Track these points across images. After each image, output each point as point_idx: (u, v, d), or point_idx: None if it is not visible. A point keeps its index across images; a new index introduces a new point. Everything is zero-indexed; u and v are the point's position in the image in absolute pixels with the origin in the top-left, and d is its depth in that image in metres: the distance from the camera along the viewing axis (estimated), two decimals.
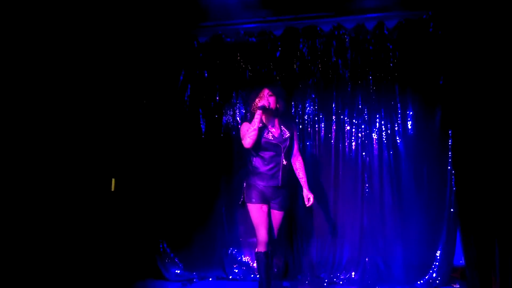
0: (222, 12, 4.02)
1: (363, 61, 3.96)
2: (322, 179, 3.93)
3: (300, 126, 4.02)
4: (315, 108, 4.03)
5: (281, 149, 3.23)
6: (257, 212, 3.16)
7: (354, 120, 3.95)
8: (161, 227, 4.09)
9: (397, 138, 3.85)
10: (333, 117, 3.98)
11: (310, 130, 4.03)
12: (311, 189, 3.31)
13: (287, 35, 4.11)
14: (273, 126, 3.29)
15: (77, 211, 3.54)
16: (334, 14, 4.01)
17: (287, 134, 3.29)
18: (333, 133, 3.97)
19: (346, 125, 3.96)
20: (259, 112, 3.18)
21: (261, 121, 3.20)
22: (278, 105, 3.27)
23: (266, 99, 3.22)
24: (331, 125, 3.98)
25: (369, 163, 3.86)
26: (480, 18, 3.34)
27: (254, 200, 3.18)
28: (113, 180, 3.86)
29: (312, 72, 4.06)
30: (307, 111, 4.06)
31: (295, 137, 3.36)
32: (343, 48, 4.01)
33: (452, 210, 3.60)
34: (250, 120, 3.24)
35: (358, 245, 3.79)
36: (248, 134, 3.16)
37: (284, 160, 3.23)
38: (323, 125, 4.01)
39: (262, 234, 3.13)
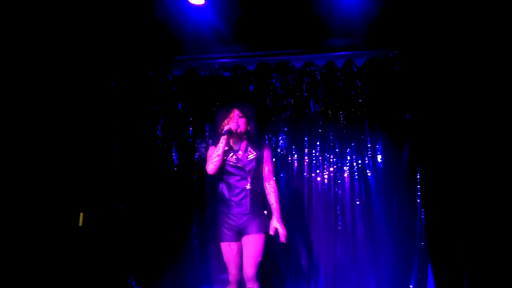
0: (197, 46, 4.09)
1: (334, 97, 4.07)
2: (296, 212, 3.91)
3: (274, 159, 4.04)
4: (288, 141, 4.09)
5: (246, 172, 2.93)
6: (226, 249, 2.95)
7: (326, 154, 4.00)
8: (129, 263, 3.91)
9: (368, 171, 3.91)
10: (306, 150, 4.03)
11: (283, 162, 4.05)
12: (285, 221, 3.16)
13: (260, 70, 4.20)
14: (239, 149, 2.99)
15: (41, 245, 3.36)
16: (306, 51, 4.16)
17: (254, 155, 2.97)
18: (306, 166, 4.01)
19: (319, 158, 4.02)
20: (224, 136, 2.88)
21: (227, 144, 2.93)
22: (248, 128, 2.99)
23: (235, 121, 2.94)
24: (304, 158, 4.03)
25: (341, 196, 3.90)
26: (442, 56, 3.54)
27: (223, 237, 2.94)
28: (81, 214, 3.69)
29: (285, 106, 4.13)
30: (280, 144, 4.09)
31: (266, 158, 3.03)
32: (314, 84, 4.12)
33: (422, 243, 3.64)
34: (216, 143, 2.94)
35: (332, 278, 3.75)
36: (212, 160, 2.90)
37: (250, 184, 2.92)
38: (296, 158, 4.05)
39: (232, 273, 2.95)
